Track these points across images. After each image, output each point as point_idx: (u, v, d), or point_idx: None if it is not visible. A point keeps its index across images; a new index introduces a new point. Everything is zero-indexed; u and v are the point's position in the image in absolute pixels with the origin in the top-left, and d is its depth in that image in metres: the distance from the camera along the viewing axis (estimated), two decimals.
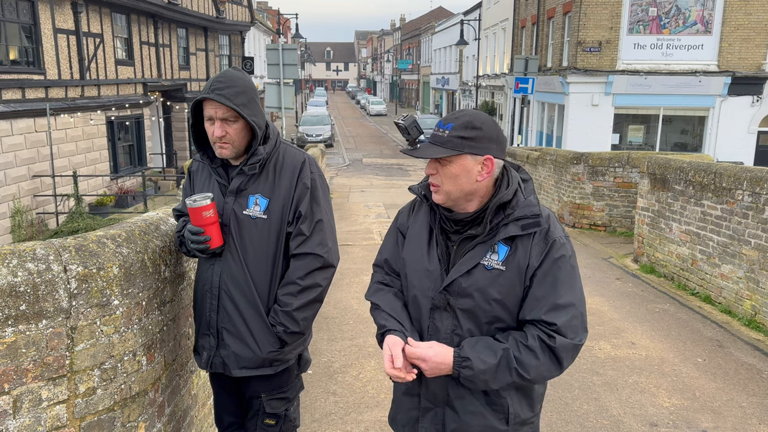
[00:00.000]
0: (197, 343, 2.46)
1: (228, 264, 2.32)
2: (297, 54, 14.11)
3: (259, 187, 2.32)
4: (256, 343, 2.32)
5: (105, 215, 13.73)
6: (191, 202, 2.22)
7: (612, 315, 6.04)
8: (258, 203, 2.31)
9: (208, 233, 2.25)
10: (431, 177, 1.81)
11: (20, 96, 12.57)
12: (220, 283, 2.33)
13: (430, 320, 1.85)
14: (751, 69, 18.15)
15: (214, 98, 2.16)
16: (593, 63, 18.52)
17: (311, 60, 79.13)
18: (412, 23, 68.08)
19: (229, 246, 2.31)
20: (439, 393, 1.86)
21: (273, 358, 2.35)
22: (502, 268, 1.78)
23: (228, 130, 2.22)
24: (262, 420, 2.44)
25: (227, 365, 2.36)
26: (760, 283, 5.66)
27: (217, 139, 2.23)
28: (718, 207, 6.30)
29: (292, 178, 2.34)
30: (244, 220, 2.31)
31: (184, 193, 2.52)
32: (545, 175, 12.09)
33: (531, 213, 1.77)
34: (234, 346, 2.34)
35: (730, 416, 4.07)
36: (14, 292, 1.76)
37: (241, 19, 26.17)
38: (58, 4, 13.74)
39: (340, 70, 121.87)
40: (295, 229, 2.33)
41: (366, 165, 23.85)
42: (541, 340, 1.73)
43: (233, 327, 2.33)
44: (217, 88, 2.17)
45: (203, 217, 2.23)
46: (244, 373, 2.35)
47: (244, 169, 2.30)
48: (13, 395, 1.80)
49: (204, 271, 2.38)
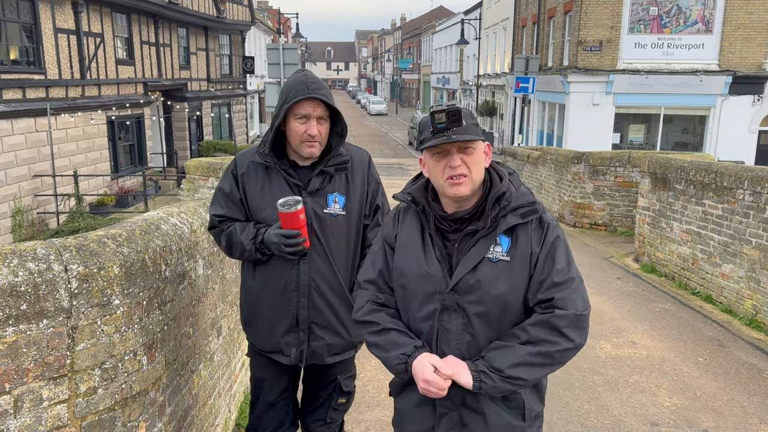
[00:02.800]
0: (276, 342, 2.48)
1: (314, 262, 2.41)
2: (297, 53, 14.11)
3: (335, 186, 2.44)
4: (347, 330, 2.50)
5: (105, 215, 13.73)
6: (286, 207, 2.26)
7: (613, 314, 6.04)
8: (337, 201, 2.43)
9: (303, 235, 2.33)
10: (457, 168, 1.76)
11: (21, 96, 12.57)
12: (309, 281, 2.41)
13: (439, 323, 1.83)
14: (752, 68, 18.13)
15: (319, 97, 2.26)
16: (594, 62, 18.51)
17: (312, 59, 79.08)
18: (413, 22, 68.06)
19: (314, 245, 2.39)
20: (455, 396, 1.84)
21: (358, 341, 2.57)
22: (507, 258, 1.80)
23: (320, 129, 2.33)
24: (336, 401, 2.63)
25: (319, 354, 2.49)
26: (761, 283, 5.65)
27: (309, 137, 2.31)
28: (719, 206, 6.30)
29: (363, 175, 2.51)
30: (325, 219, 2.41)
31: (223, 197, 2.48)
32: (546, 175, 12.08)
33: (527, 201, 1.82)
34: (326, 337, 2.47)
35: (731, 416, 4.07)
36: (15, 291, 1.76)
37: (242, 19, 26.17)
38: (59, 4, 13.74)
39: (341, 70, 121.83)
40: (373, 221, 2.53)
41: None
42: (541, 321, 1.76)
43: (324, 320, 2.46)
44: (316, 89, 2.28)
45: (299, 220, 2.29)
46: (335, 359, 2.52)
47: (327, 169, 2.40)
48: (13, 395, 1.80)
49: (284, 272, 2.42)
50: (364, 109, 61.01)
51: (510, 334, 1.80)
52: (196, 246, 2.79)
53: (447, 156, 1.77)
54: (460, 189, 1.78)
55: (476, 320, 1.81)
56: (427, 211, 1.87)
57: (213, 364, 3.16)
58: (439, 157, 1.79)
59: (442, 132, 1.74)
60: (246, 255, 2.42)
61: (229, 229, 2.44)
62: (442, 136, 1.74)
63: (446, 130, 1.73)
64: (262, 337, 2.52)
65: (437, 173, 1.80)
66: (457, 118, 1.73)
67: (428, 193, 1.91)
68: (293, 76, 2.39)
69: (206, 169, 8.70)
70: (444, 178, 1.78)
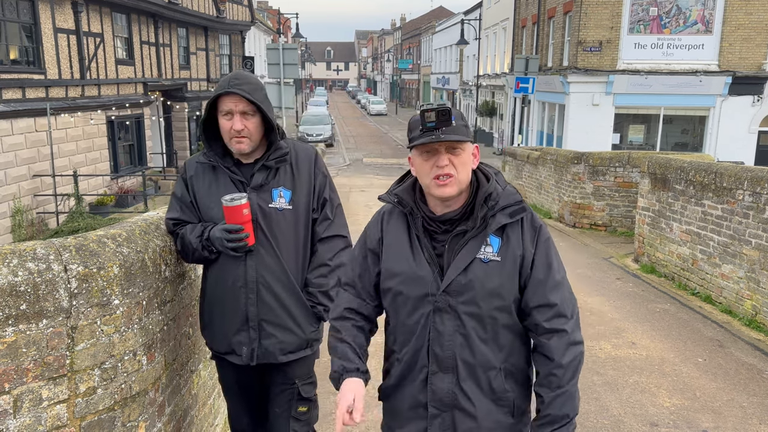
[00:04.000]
0: (228, 342, 2.45)
1: (262, 258, 2.39)
2: (297, 53, 14.12)
3: (280, 181, 2.42)
4: (299, 326, 2.46)
5: (105, 215, 13.72)
6: (228, 202, 2.27)
7: (612, 315, 6.04)
8: (282, 195, 2.42)
9: (246, 230, 2.31)
10: (444, 168, 1.76)
11: (20, 95, 12.57)
12: (257, 277, 2.38)
13: (431, 325, 1.83)
14: (752, 69, 18.14)
15: (236, 92, 2.25)
16: (594, 63, 18.51)
17: (311, 60, 79.11)
18: (413, 23, 68.06)
19: (260, 240, 2.38)
20: (445, 398, 1.85)
21: (313, 338, 2.52)
22: (498, 258, 1.80)
23: (247, 124, 2.30)
24: (295, 409, 2.54)
25: (271, 353, 2.44)
26: (760, 283, 5.65)
27: (235, 133, 2.30)
28: (719, 207, 6.30)
29: (309, 169, 2.48)
30: (271, 213, 2.39)
31: (176, 201, 2.48)
32: (546, 175, 12.08)
33: (515, 200, 1.83)
34: (278, 335, 2.43)
35: (731, 416, 4.07)
36: (15, 291, 1.76)
37: (242, 19, 26.16)
38: (59, 4, 13.74)
39: (341, 70, 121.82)
40: (321, 215, 2.50)
41: (366, 165, 23.86)
42: (564, 344, 1.81)
43: (274, 317, 2.42)
44: (236, 84, 2.27)
45: (243, 215, 2.29)
46: (289, 358, 2.46)
47: (268, 163, 2.38)
48: (13, 395, 1.79)
49: (232, 270, 2.39)
50: (364, 109, 61.02)
51: (548, 376, 1.82)
52: None
53: (435, 155, 1.77)
54: (446, 190, 1.77)
55: (469, 321, 1.80)
56: (415, 213, 1.86)
57: (213, 364, 3.16)
58: (427, 155, 1.78)
59: (431, 131, 1.73)
60: (197, 255, 2.41)
61: (181, 232, 2.43)
62: (431, 135, 1.73)
63: (436, 129, 1.73)
64: (217, 339, 2.49)
65: (424, 172, 1.80)
66: (447, 118, 1.72)
67: (416, 194, 1.89)
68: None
69: None
70: (431, 177, 1.78)
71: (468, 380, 1.83)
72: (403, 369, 1.91)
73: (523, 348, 1.90)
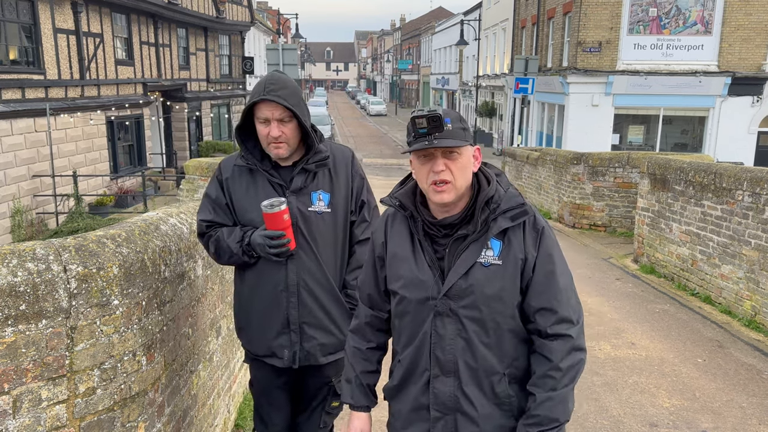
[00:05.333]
0: (269, 345, 2.46)
1: (302, 261, 2.41)
2: (297, 54, 14.11)
3: (318, 184, 2.43)
4: (338, 328, 2.48)
5: (105, 215, 13.72)
6: (268, 208, 2.27)
7: (612, 315, 6.04)
8: (321, 198, 2.43)
9: (287, 236, 2.32)
10: (441, 174, 1.75)
11: (20, 96, 12.57)
12: (298, 281, 2.40)
13: (432, 329, 1.83)
14: (751, 69, 18.15)
15: (272, 99, 2.24)
16: (593, 63, 18.52)
17: (311, 60, 79.17)
18: (412, 23, 68.08)
19: (300, 244, 2.39)
20: (448, 401, 1.85)
21: None
22: (499, 262, 1.79)
23: (284, 130, 2.31)
24: (329, 404, 2.62)
25: (312, 355, 2.47)
26: (760, 284, 5.66)
27: (273, 139, 2.30)
28: (718, 207, 6.30)
29: (347, 171, 2.50)
30: (310, 217, 2.41)
31: (210, 202, 2.48)
32: (545, 176, 12.09)
33: (517, 203, 1.81)
34: (319, 337, 2.46)
35: (730, 417, 4.07)
36: (14, 291, 1.76)
37: (241, 19, 26.16)
38: (58, 4, 13.74)
39: (340, 70, 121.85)
40: (359, 217, 2.53)
41: (366, 165, 23.82)
42: (568, 348, 1.80)
43: (315, 319, 2.45)
44: (272, 90, 2.26)
45: (283, 220, 2.30)
46: (329, 359, 2.50)
47: (308, 167, 2.39)
48: (12, 395, 1.79)
49: (273, 274, 2.41)
50: (364, 109, 61.01)
51: (544, 377, 1.81)
52: (196, 246, 2.79)
53: (431, 160, 1.76)
54: (443, 196, 1.76)
55: (470, 325, 1.80)
56: (416, 217, 1.86)
57: (212, 364, 3.16)
58: (424, 159, 1.77)
59: (423, 137, 1.73)
60: (234, 259, 2.42)
61: (216, 235, 2.43)
62: (424, 141, 1.73)
63: (428, 135, 1.72)
64: (256, 342, 2.51)
65: (422, 176, 1.79)
66: (438, 123, 1.70)
67: (416, 197, 1.89)
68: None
69: (205, 170, 8.70)
70: (428, 182, 1.77)
71: (470, 384, 1.82)
72: (405, 371, 1.91)
73: (528, 353, 1.89)
